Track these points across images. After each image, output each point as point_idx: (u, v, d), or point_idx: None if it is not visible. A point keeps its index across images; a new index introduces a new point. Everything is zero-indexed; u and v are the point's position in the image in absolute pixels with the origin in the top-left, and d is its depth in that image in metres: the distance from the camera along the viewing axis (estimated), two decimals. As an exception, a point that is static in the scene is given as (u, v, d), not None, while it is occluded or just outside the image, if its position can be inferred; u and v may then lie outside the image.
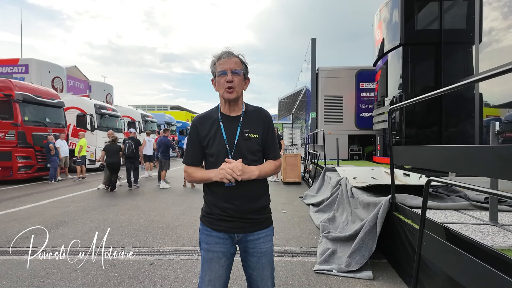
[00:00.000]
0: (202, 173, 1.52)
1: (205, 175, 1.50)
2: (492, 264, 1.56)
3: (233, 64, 1.47)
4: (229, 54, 1.48)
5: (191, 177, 1.56)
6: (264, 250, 1.53)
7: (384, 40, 10.32)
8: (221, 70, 1.46)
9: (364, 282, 2.86)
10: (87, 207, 6.16)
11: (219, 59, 1.48)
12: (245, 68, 1.53)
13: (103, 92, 19.35)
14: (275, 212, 5.47)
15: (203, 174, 1.51)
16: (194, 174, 1.54)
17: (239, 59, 1.50)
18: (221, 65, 1.47)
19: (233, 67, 1.46)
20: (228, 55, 1.48)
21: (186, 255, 3.56)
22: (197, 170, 1.55)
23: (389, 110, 3.30)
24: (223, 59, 1.47)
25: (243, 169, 1.42)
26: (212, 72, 1.54)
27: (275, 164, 1.59)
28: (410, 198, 3.20)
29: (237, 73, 1.47)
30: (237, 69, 1.47)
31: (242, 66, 1.51)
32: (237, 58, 1.50)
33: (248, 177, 1.44)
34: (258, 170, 1.49)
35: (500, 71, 1.62)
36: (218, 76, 1.48)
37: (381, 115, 10.69)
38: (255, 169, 1.48)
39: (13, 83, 9.95)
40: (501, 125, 4.88)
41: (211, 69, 1.53)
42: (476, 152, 1.85)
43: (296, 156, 9.66)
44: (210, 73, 1.57)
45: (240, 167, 1.41)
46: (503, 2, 5.04)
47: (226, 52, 1.48)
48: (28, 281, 2.90)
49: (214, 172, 1.45)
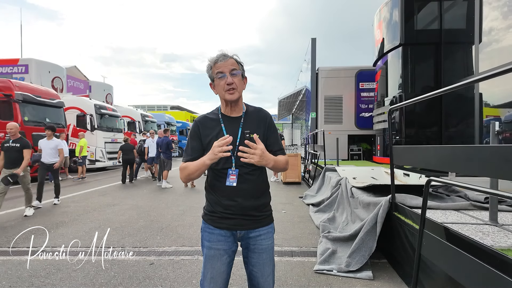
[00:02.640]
0: (197, 163, 1.47)
1: (199, 162, 1.45)
2: (492, 264, 1.56)
3: (230, 66, 1.48)
4: (224, 57, 1.49)
5: (186, 171, 1.50)
6: (265, 247, 1.56)
7: (384, 40, 10.32)
8: (220, 73, 1.47)
9: (364, 282, 2.86)
10: (87, 207, 6.16)
11: (216, 63, 1.49)
12: (242, 68, 1.55)
13: (103, 92, 19.35)
14: (275, 212, 5.46)
15: (197, 163, 1.46)
16: (189, 166, 1.49)
17: (235, 60, 1.52)
18: (219, 68, 1.48)
19: (231, 69, 1.48)
20: (224, 58, 1.49)
21: (186, 255, 3.56)
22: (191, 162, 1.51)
23: (389, 110, 3.31)
24: (220, 62, 1.48)
25: (263, 155, 1.40)
26: (209, 76, 1.55)
27: (286, 159, 1.60)
28: (410, 198, 3.21)
29: (236, 74, 1.49)
30: (235, 70, 1.49)
31: (239, 66, 1.52)
32: (233, 59, 1.51)
33: (265, 164, 1.44)
34: (274, 161, 1.49)
35: (500, 71, 1.62)
36: (217, 79, 1.49)
37: (381, 115, 10.69)
38: (272, 159, 1.47)
39: (13, 83, 9.95)
40: (501, 125, 4.88)
41: (208, 73, 1.54)
42: (476, 152, 1.85)
43: (296, 156, 9.66)
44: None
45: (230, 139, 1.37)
46: (503, 2, 5.04)
47: (222, 55, 1.49)
48: (28, 281, 2.90)
49: (207, 155, 1.41)
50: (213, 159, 1.39)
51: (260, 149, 1.39)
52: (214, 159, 1.39)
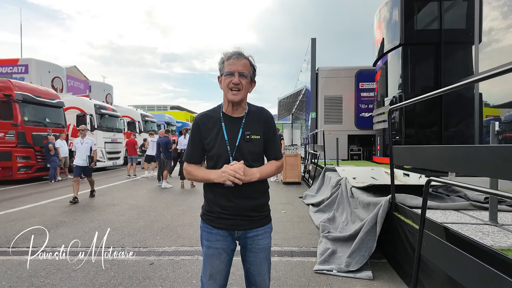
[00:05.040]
0: (203, 173, 1.53)
1: (206, 175, 1.51)
2: (492, 264, 1.56)
3: (241, 66, 1.46)
4: (239, 55, 1.47)
5: (192, 175, 1.56)
6: (262, 246, 1.57)
7: (384, 40, 10.32)
8: (229, 71, 1.46)
9: (364, 282, 2.86)
10: (87, 207, 6.16)
11: (229, 59, 1.47)
12: (253, 71, 1.54)
13: (103, 92, 19.36)
14: (275, 212, 5.48)
15: (204, 174, 1.52)
16: (195, 173, 1.55)
17: (249, 62, 1.50)
18: (230, 66, 1.46)
19: (241, 70, 1.46)
20: (238, 56, 1.47)
21: (186, 255, 3.55)
22: (198, 169, 1.56)
23: (389, 110, 3.31)
24: (232, 59, 1.47)
25: (245, 172, 1.43)
26: (219, 70, 1.53)
27: (277, 165, 1.61)
28: (410, 198, 3.20)
29: (244, 76, 1.47)
30: (245, 72, 1.47)
31: (250, 69, 1.51)
32: (247, 60, 1.49)
33: (249, 180, 1.46)
34: (259, 172, 1.50)
35: (500, 71, 1.62)
36: (225, 75, 1.48)
37: (381, 115, 10.69)
38: (256, 171, 1.49)
39: (13, 83, 9.95)
40: (501, 125, 4.88)
41: (219, 66, 1.53)
42: (476, 152, 1.85)
43: (296, 156, 9.66)
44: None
45: (242, 169, 1.42)
46: (503, 2, 5.04)
47: (237, 52, 1.48)
48: (28, 281, 2.90)
49: (216, 174, 1.46)
50: (219, 180, 1.44)
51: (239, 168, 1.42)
52: (221, 180, 1.44)
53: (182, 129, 10.07)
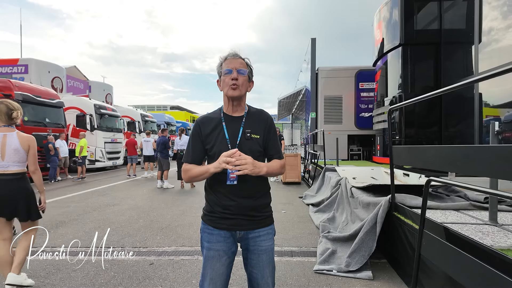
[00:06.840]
0: (201, 168, 1.52)
1: (203, 169, 1.50)
2: (492, 264, 1.56)
3: (238, 64, 1.51)
4: (235, 55, 1.53)
5: (189, 174, 1.54)
6: (264, 248, 1.55)
7: (383, 40, 10.32)
8: (227, 69, 1.50)
9: (364, 282, 2.86)
10: (87, 207, 6.16)
11: (226, 59, 1.53)
12: (250, 71, 1.57)
13: (102, 92, 19.34)
14: (275, 212, 5.45)
15: (201, 169, 1.51)
16: (192, 170, 1.54)
17: (245, 62, 1.55)
18: (227, 65, 1.51)
19: (239, 67, 1.51)
20: (234, 56, 1.53)
21: (185, 255, 3.56)
22: (196, 166, 1.55)
23: (389, 110, 3.31)
24: (229, 58, 1.52)
25: (254, 164, 1.43)
26: (218, 73, 1.57)
27: (281, 164, 1.61)
28: (410, 198, 3.21)
29: (242, 73, 1.51)
30: (242, 69, 1.51)
31: (247, 68, 1.55)
32: (243, 60, 1.54)
33: (258, 172, 1.45)
34: (267, 167, 1.51)
35: (500, 71, 1.62)
36: (223, 75, 1.51)
37: (381, 115, 10.69)
38: (264, 165, 1.49)
39: (13, 83, 9.94)
40: (501, 125, 4.88)
41: (218, 70, 1.57)
42: (476, 152, 1.85)
43: (296, 156, 9.66)
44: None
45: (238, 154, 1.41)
46: (503, 2, 5.05)
47: (233, 53, 1.53)
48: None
49: (213, 164, 1.45)
50: (217, 168, 1.43)
51: (250, 158, 1.42)
52: (219, 168, 1.42)
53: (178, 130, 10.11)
